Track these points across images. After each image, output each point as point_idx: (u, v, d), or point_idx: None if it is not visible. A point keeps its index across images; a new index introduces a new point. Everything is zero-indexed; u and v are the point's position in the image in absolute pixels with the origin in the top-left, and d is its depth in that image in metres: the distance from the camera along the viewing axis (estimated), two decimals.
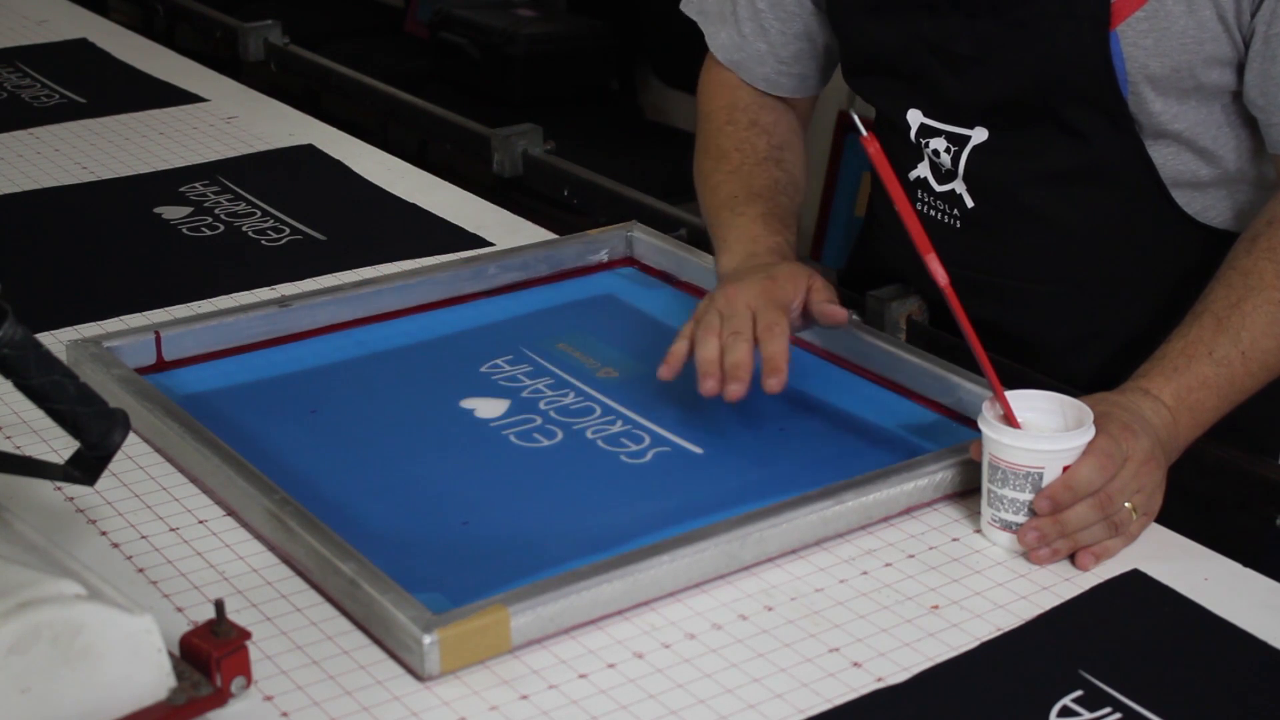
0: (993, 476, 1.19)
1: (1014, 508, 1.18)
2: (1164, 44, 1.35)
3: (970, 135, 1.45)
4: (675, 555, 1.13)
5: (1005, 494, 1.18)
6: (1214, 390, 1.28)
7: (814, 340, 1.49)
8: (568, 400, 1.40)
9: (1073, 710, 1.03)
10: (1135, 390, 1.26)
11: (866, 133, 1.17)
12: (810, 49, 1.59)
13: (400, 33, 4.25)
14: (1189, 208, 1.44)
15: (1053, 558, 1.18)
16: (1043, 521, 1.17)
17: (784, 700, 1.04)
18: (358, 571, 1.09)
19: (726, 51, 1.60)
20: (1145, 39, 1.35)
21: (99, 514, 1.23)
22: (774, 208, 1.50)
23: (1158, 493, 1.22)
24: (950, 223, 1.50)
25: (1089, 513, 1.17)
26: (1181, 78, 1.36)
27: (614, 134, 3.56)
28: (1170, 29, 1.34)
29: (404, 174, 1.94)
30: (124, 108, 2.15)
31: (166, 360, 1.44)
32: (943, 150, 1.47)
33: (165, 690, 0.97)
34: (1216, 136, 1.41)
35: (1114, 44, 1.35)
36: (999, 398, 1.20)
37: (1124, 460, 1.18)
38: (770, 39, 1.58)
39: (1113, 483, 1.18)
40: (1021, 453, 1.17)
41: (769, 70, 1.59)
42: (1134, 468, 1.19)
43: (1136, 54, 1.35)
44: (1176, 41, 1.34)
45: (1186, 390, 1.26)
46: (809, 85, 1.62)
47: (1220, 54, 1.35)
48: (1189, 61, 1.35)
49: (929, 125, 1.48)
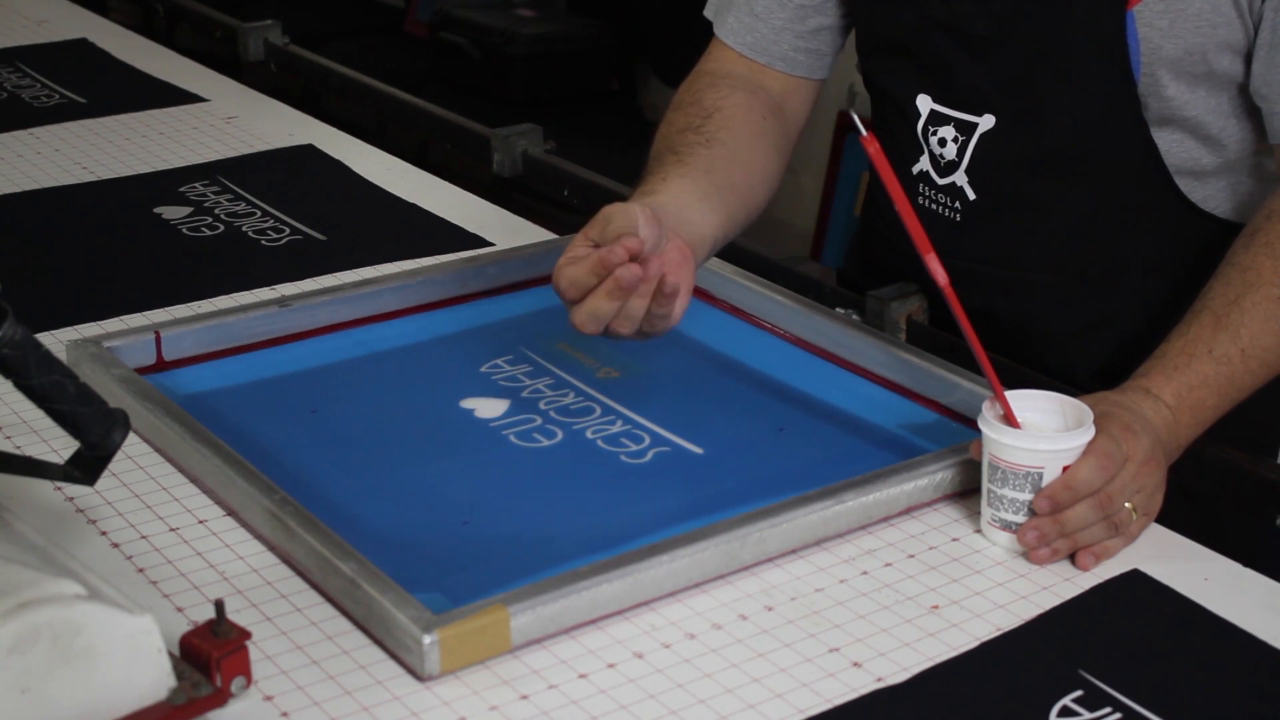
0: (993, 476, 1.19)
1: (1014, 508, 1.18)
2: (1179, 25, 1.36)
3: (979, 123, 1.45)
4: (675, 555, 1.13)
5: (1005, 494, 1.18)
6: (1214, 388, 1.28)
7: (814, 340, 1.49)
8: (568, 400, 1.40)
9: (1073, 710, 1.03)
10: (1136, 390, 1.26)
11: (866, 132, 1.17)
12: (828, 24, 1.56)
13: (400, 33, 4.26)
14: (1192, 195, 1.45)
15: (1053, 557, 1.18)
16: (1042, 521, 1.17)
17: (784, 700, 1.04)
18: (358, 571, 1.09)
19: (737, 35, 1.57)
20: (1161, 20, 1.36)
21: (99, 514, 1.23)
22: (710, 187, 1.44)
23: (1158, 493, 1.22)
24: (950, 216, 1.50)
25: (1089, 512, 1.17)
26: (1194, 61, 1.37)
27: (614, 134, 3.56)
28: (1186, 10, 1.35)
29: (404, 174, 1.94)
30: (124, 108, 2.15)
31: (166, 360, 1.44)
32: (950, 139, 1.48)
33: (165, 690, 0.97)
34: (1224, 126, 1.42)
35: (1129, 24, 1.36)
36: (999, 397, 1.20)
37: (1124, 460, 1.18)
38: (789, 11, 1.55)
39: (1113, 483, 1.18)
40: (1021, 453, 1.17)
41: (786, 46, 1.56)
42: (1134, 468, 1.19)
43: (1151, 35, 1.36)
44: (1191, 24, 1.35)
45: (1187, 389, 1.26)
46: (824, 65, 1.59)
47: (1232, 40, 1.36)
48: (1202, 45, 1.36)
49: (938, 112, 1.48)
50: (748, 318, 1.56)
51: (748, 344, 1.51)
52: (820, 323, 1.49)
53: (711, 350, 1.50)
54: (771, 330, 1.53)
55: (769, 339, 1.52)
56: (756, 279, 1.57)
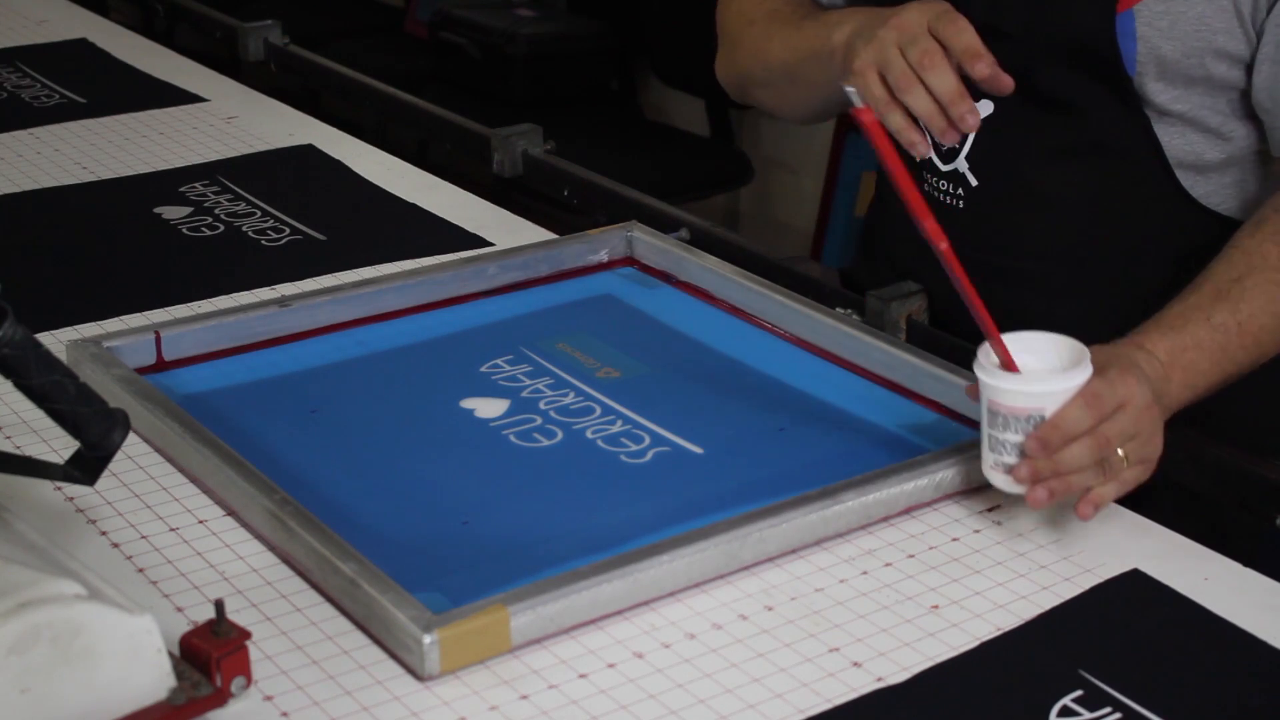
0: (992, 422, 1.19)
1: (1015, 451, 1.18)
2: (1178, 27, 1.36)
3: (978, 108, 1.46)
4: (675, 555, 1.13)
5: (1005, 438, 1.18)
6: (1208, 353, 1.28)
7: (814, 340, 1.49)
8: (568, 400, 1.40)
9: (1073, 710, 1.03)
10: (1129, 344, 1.26)
11: (861, 104, 1.18)
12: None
13: (400, 33, 4.25)
14: (1194, 191, 1.45)
15: (1049, 499, 1.16)
16: (1037, 459, 1.17)
17: (784, 700, 1.04)
18: (358, 571, 1.09)
19: None
20: (1161, 20, 1.36)
21: (99, 514, 1.23)
22: None
23: (1154, 440, 1.21)
24: (953, 204, 1.51)
25: (1085, 453, 1.16)
26: (1191, 65, 1.38)
27: (614, 134, 3.56)
28: (1186, 13, 1.36)
29: (404, 174, 1.94)
30: (124, 108, 2.15)
31: (166, 360, 1.44)
32: None
33: (165, 690, 0.97)
34: (1223, 124, 1.42)
35: (1129, 22, 1.37)
36: (995, 343, 1.19)
37: (1118, 404, 1.18)
38: None
39: (1110, 424, 1.17)
40: (1019, 396, 1.17)
41: None
42: (1133, 412, 1.18)
43: (1150, 34, 1.37)
44: (1190, 26, 1.36)
45: (1181, 349, 1.27)
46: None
47: (1231, 48, 1.37)
48: (1199, 49, 1.37)
49: None
50: (748, 318, 1.56)
51: (748, 344, 1.51)
52: (820, 323, 1.49)
53: (711, 350, 1.50)
54: (771, 330, 1.53)
55: (769, 339, 1.52)
56: (756, 279, 1.57)
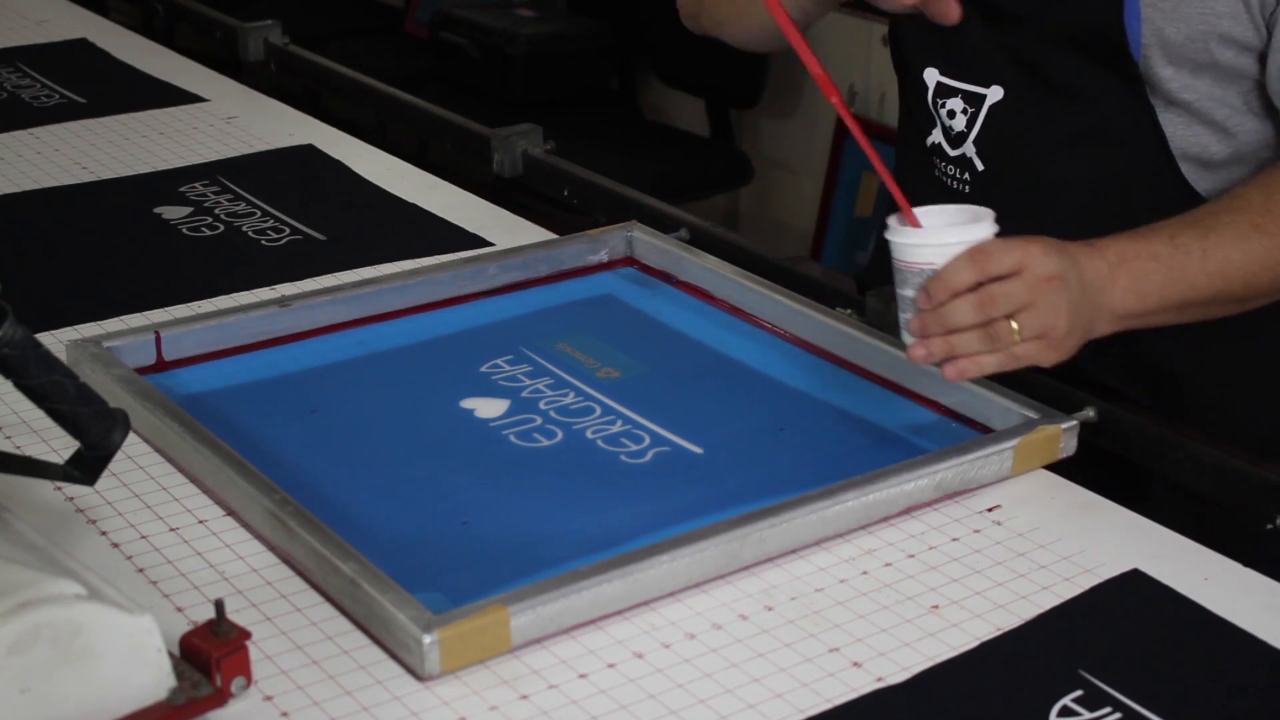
0: (898, 280, 1.20)
1: (912, 307, 1.18)
2: (1182, 9, 1.36)
3: (986, 94, 1.46)
4: (675, 555, 1.13)
5: (905, 294, 1.19)
6: (1163, 265, 1.28)
7: (814, 340, 1.49)
8: (568, 400, 1.40)
9: (1073, 710, 1.03)
10: (1081, 243, 1.27)
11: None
12: None
13: (400, 33, 4.25)
14: (1198, 185, 1.44)
15: (927, 358, 1.17)
16: (924, 313, 1.17)
17: (784, 700, 1.04)
18: (358, 571, 1.09)
19: None
20: (1165, 1, 1.36)
21: (99, 514, 1.23)
22: None
23: (1052, 316, 1.21)
24: (960, 189, 1.51)
25: (967, 310, 1.16)
26: (1197, 49, 1.38)
27: (614, 134, 3.56)
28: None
29: (404, 174, 1.94)
30: (124, 108, 2.15)
31: (166, 360, 1.44)
32: (959, 110, 1.48)
33: (165, 690, 0.97)
34: (1230, 117, 1.42)
35: (1131, 3, 1.37)
36: (898, 199, 1.21)
37: (1013, 268, 1.18)
38: None
39: (996, 285, 1.17)
40: (911, 250, 1.18)
41: None
42: (1028, 279, 1.18)
43: (1154, 15, 1.37)
44: (1194, 9, 1.36)
45: (1134, 255, 1.27)
46: None
47: (1238, 35, 1.37)
48: (1204, 33, 1.37)
49: (945, 84, 1.49)
50: (748, 318, 1.56)
51: (748, 344, 1.51)
52: (820, 323, 1.49)
53: (711, 350, 1.50)
54: (771, 330, 1.53)
55: (769, 339, 1.52)
56: (756, 279, 1.57)
